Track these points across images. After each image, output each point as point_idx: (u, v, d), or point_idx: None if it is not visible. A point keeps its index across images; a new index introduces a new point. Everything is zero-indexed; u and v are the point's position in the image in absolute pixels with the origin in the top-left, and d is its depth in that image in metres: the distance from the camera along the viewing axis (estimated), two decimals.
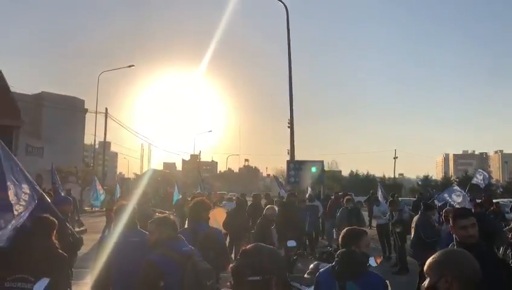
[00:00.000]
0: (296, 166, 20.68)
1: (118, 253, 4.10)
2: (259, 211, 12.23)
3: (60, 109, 37.43)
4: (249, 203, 13.44)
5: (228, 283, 1.89)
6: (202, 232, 4.54)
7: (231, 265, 1.89)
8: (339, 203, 13.62)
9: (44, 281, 3.53)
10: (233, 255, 8.17)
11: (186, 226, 5.77)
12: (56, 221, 3.88)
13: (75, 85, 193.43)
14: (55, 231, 3.81)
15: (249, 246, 1.95)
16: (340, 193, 18.25)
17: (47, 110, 39.29)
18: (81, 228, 16.37)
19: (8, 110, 31.35)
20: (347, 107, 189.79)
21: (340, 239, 3.63)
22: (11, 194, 4.73)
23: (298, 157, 22.55)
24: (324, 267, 4.69)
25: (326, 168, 23.30)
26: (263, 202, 13.13)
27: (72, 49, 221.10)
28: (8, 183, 4.77)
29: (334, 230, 15.06)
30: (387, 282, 3.36)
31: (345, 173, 72.48)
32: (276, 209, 8.65)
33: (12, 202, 4.63)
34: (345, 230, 3.69)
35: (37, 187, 5.58)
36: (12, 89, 33.63)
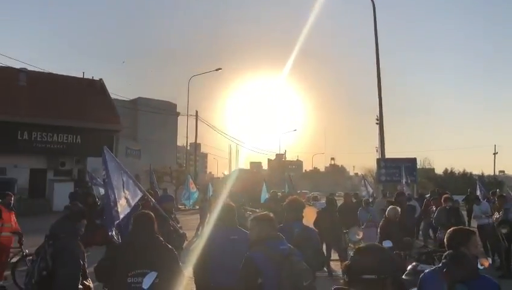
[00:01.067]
0: (386, 164, 19.99)
1: (219, 251, 4.22)
2: (351, 211, 12.02)
3: (154, 113, 39.68)
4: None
5: (342, 281, 1.89)
6: (297, 231, 4.54)
7: (345, 263, 1.89)
8: (435, 203, 12.92)
9: (153, 275, 3.74)
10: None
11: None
12: (153, 217, 4.03)
13: (167, 89, 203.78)
14: (155, 226, 3.97)
15: (363, 245, 1.97)
16: (436, 191, 17.32)
17: (143, 115, 41.86)
18: (178, 225, 17.14)
19: (109, 116, 33.98)
20: (438, 101, 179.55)
21: (446, 240, 3.43)
22: (114, 197, 5.13)
23: (388, 155, 21.80)
24: (423, 268, 4.46)
25: (418, 166, 22.19)
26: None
27: (164, 54, 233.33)
28: (111, 188, 5.18)
29: (430, 230, 14.36)
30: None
31: (439, 170, 68.86)
32: (398, 209, 8.27)
33: (114, 204, 5.02)
34: (451, 230, 3.48)
35: (140, 188, 5.97)
36: (112, 96, 36.43)
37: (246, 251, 3.71)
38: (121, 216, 5.15)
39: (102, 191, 10.73)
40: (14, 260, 8.84)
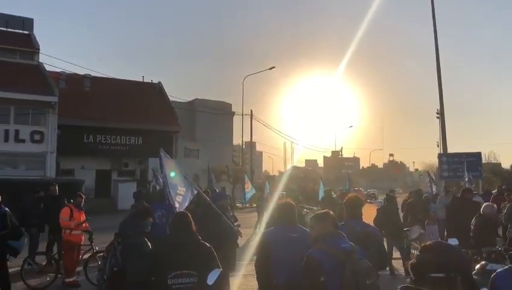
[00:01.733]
0: (449, 159, 19.20)
1: (280, 249, 4.25)
2: (420, 208, 11.48)
3: (210, 114, 40.47)
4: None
5: (408, 279, 1.86)
6: (358, 229, 4.49)
7: (411, 261, 1.86)
8: (503, 199, 12.26)
9: (217, 272, 3.83)
10: None
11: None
12: (190, 216, 4.05)
13: (223, 90, 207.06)
14: (193, 225, 3.97)
15: (429, 242, 1.91)
16: (503, 187, 16.39)
17: (200, 115, 42.80)
18: (236, 223, 17.40)
19: (168, 117, 35.08)
20: (504, 92, 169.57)
21: None
22: (169, 197, 5.33)
23: (450, 150, 20.93)
24: (493, 268, 4.26)
25: (483, 161, 21.13)
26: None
27: (218, 55, 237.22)
28: (170, 189, 5.38)
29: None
30: None
31: (506, 165, 65.09)
32: (494, 206, 7.87)
33: (173, 203, 5.21)
34: None
35: (195, 187, 6.16)
36: (170, 98, 37.55)
37: (307, 248, 3.72)
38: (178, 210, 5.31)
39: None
40: (86, 256, 9.35)
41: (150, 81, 39.10)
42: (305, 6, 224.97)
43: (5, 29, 32.32)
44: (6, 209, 7.48)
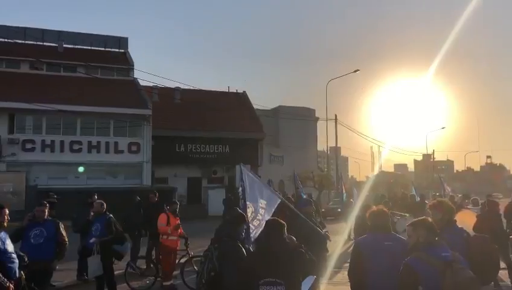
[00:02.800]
0: None
1: (373, 257, 4.16)
2: None
3: (294, 120, 40.59)
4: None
5: None
6: (466, 235, 4.30)
7: None
8: None
9: (310, 279, 3.85)
10: None
11: None
12: (283, 223, 4.01)
13: (306, 96, 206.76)
14: (284, 231, 3.96)
15: None
16: None
17: (284, 122, 43.12)
18: (324, 230, 17.20)
19: (253, 125, 35.81)
20: None
21: None
22: (249, 212, 5.39)
23: None
24: None
25: None
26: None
27: (301, 61, 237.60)
28: (248, 202, 5.45)
29: None
30: None
31: None
32: None
33: (250, 219, 5.26)
34: None
35: (277, 195, 6.20)
36: (255, 106, 38.30)
37: (401, 257, 3.62)
38: (263, 224, 5.38)
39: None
40: (182, 261, 9.80)
41: (235, 91, 40.22)
42: (391, 5, 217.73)
43: (103, 49, 35.21)
44: (111, 215, 8.11)
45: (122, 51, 35.86)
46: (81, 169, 27.49)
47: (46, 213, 6.85)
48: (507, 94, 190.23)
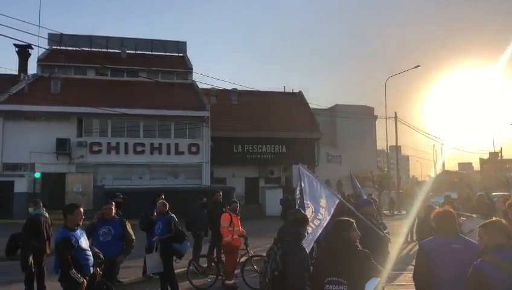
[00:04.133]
0: None
1: (440, 261, 4.04)
2: None
3: (352, 118, 39.94)
4: None
5: None
6: None
7: None
8: None
9: (375, 281, 3.81)
10: None
11: None
12: (351, 222, 4.04)
13: (365, 93, 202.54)
14: (351, 231, 3.96)
15: None
16: None
17: (341, 121, 42.54)
18: (385, 231, 16.80)
19: (309, 125, 35.62)
20: None
21: None
22: (309, 212, 5.36)
23: None
24: None
25: None
26: None
27: (360, 58, 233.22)
28: (307, 202, 5.43)
29: None
30: None
31: None
32: None
33: (310, 218, 5.23)
34: None
35: (336, 195, 6.14)
36: (311, 106, 38.07)
37: (470, 260, 3.48)
38: (324, 224, 5.36)
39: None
40: (243, 260, 9.93)
41: (291, 91, 40.19)
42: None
43: (163, 53, 36.44)
44: (173, 215, 8.39)
45: (181, 54, 36.93)
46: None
47: (113, 211, 7.16)
48: None
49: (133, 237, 7.10)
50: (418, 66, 38.80)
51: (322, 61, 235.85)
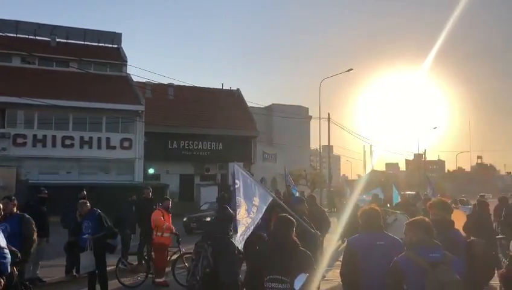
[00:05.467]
0: None
1: (366, 257, 4.17)
2: None
3: (287, 118, 40.63)
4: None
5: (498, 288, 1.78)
6: (462, 239, 4.33)
7: (500, 271, 1.77)
8: None
9: (303, 277, 3.85)
10: None
11: None
12: (292, 220, 4.07)
13: (299, 94, 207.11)
14: (293, 229, 3.99)
15: None
16: None
17: (277, 120, 43.14)
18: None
19: (246, 123, 35.78)
20: None
21: None
22: (242, 210, 5.41)
23: None
24: None
25: None
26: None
27: (295, 60, 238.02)
28: (241, 200, 5.47)
29: None
30: None
31: None
32: None
33: (243, 216, 5.27)
34: None
35: (270, 194, 6.23)
36: (248, 104, 38.27)
37: (393, 256, 3.64)
38: (256, 222, 5.42)
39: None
40: (174, 258, 9.79)
41: (229, 88, 40.19)
42: (386, 3, 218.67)
43: (97, 44, 34.96)
44: (99, 211, 8.05)
45: (116, 46, 35.62)
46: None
47: (11, 207, 6.65)
48: (498, 94, 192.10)
49: (33, 236, 6.62)
50: (351, 69, 40.25)
51: (259, 61, 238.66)
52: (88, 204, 8.15)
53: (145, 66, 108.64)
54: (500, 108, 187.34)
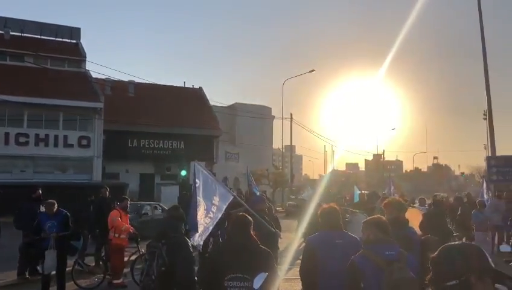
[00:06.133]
0: (498, 162, 18.43)
1: (324, 255, 4.20)
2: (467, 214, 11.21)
3: (250, 118, 40.70)
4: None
5: None
6: (399, 234, 4.40)
7: (428, 276, 1.81)
8: None
9: (263, 276, 3.84)
10: None
11: None
12: (250, 219, 4.05)
13: (263, 94, 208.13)
14: (251, 228, 3.97)
15: (436, 253, 1.85)
16: None
17: (240, 119, 43.14)
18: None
19: (209, 122, 35.57)
20: None
21: None
22: (201, 209, 5.38)
23: (500, 152, 20.11)
24: None
25: None
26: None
27: (258, 60, 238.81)
28: (200, 199, 5.43)
29: None
30: None
31: None
32: None
33: (202, 216, 5.24)
34: None
35: (231, 193, 6.20)
36: (211, 103, 38.07)
37: (351, 254, 3.68)
38: (214, 222, 5.39)
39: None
40: (133, 258, 9.58)
41: (192, 87, 39.81)
42: (345, 7, 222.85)
43: (54, 38, 33.79)
44: (66, 211, 7.92)
45: (74, 41, 34.56)
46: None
47: None
48: (453, 96, 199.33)
49: None
50: (313, 70, 40.91)
51: (223, 59, 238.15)
52: (56, 205, 8.01)
53: (105, 62, 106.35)
54: (455, 110, 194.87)
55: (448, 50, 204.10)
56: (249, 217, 4.10)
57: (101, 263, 9.92)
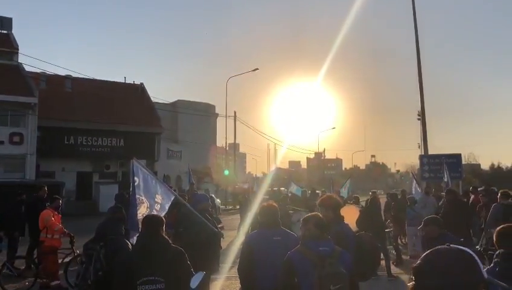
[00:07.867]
0: (429, 160, 19.46)
1: (262, 252, 4.24)
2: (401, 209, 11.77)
3: (193, 115, 40.31)
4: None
5: (410, 284, 1.68)
6: (333, 230, 4.52)
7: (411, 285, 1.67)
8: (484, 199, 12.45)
9: (200, 275, 3.80)
10: None
11: None
12: (163, 218, 4.01)
13: (206, 91, 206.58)
14: (163, 228, 3.90)
15: (420, 260, 1.62)
16: (475, 188, 16.52)
17: (183, 117, 42.60)
18: (219, 225, 17.28)
19: (150, 119, 34.82)
20: (484, 94, 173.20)
21: (496, 237, 3.33)
22: (143, 207, 5.28)
23: (432, 151, 21.23)
24: None
25: (463, 162, 21.42)
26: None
27: (202, 57, 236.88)
28: (141, 197, 5.32)
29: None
30: None
31: (485, 166, 67.45)
32: None
33: (141, 216, 5.13)
34: (502, 227, 3.37)
35: (172, 192, 6.13)
36: (153, 100, 37.28)
37: (289, 250, 3.74)
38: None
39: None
40: (67, 260, 9.20)
41: (132, 82, 38.77)
42: (287, 8, 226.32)
43: None
44: None
45: (5, 32, 32.55)
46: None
47: None
48: (389, 98, 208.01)
49: None
50: (257, 69, 41.28)
51: (165, 55, 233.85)
52: None
53: (39, 55, 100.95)
54: (391, 110, 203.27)
55: (384, 54, 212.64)
56: (159, 216, 4.03)
57: (32, 266, 9.44)
